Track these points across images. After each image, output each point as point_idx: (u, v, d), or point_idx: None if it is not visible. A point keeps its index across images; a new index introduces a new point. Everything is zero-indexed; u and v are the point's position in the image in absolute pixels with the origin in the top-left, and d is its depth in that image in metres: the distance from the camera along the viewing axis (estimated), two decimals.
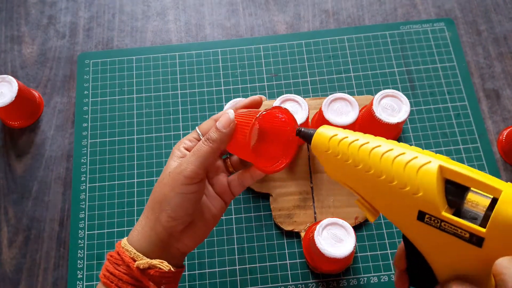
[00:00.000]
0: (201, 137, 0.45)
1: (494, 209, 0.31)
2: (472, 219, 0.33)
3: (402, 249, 0.40)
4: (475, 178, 0.32)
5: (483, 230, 0.32)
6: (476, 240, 0.32)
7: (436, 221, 0.34)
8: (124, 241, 0.43)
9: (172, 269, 0.41)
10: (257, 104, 0.47)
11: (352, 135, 0.39)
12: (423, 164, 0.34)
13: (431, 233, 0.35)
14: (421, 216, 0.35)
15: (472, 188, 0.33)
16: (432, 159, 0.34)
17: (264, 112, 0.42)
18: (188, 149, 0.45)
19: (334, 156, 0.39)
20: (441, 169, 0.34)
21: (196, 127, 0.46)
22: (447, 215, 0.33)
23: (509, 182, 0.33)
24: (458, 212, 0.34)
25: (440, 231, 0.34)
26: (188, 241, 0.44)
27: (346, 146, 0.38)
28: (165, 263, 0.41)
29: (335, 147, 0.39)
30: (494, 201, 0.32)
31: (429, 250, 0.36)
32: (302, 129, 0.43)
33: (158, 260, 0.41)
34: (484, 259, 0.33)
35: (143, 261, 0.41)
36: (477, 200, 0.33)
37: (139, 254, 0.41)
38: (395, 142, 0.38)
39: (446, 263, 0.36)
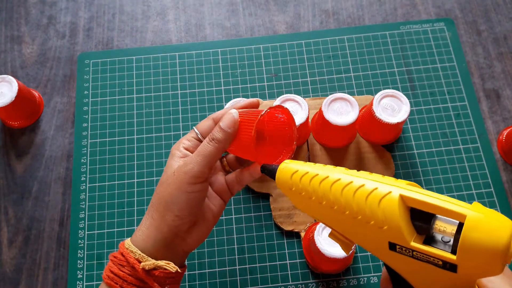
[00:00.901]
0: (199, 137, 0.46)
1: (461, 235, 0.30)
2: (445, 243, 0.33)
3: (386, 273, 0.39)
4: (438, 205, 0.32)
5: (454, 257, 0.31)
6: (450, 266, 0.32)
7: (407, 251, 0.33)
8: (128, 242, 0.43)
9: (179, 270, 0.42)
10: (254, 107, 0.47)
11: (313, 169, 0.38)
12: (383, 196, 0.34)
13: (406, 261, 0.34)
14: (392, 246, 0.34)
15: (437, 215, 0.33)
16: (393, 189, 0.34)
17: (265, 112, 0.42)
18: (188, 149, 0.45)
19: (298, 194, 0.38)
20: (403, 198, 0.33)
21: (194, 127, 0.46)
22: (416, 245, 0.33)
23: (475, 202, 0.32)
24: (430, 238, 0.34)
25: (414, 259, 0.33)
26: (191, 240, 0.44)
27: (308, 182, 0.38)
28: (172, 264, 0.41)
29: (297, 184, 0.38)
30: (460, 225, 0.31)
31: (408, 275, 0.36)
32: (266, 166, 0.43)
33: (164, 261, 0.41)
34: (462, 282, 0.33)
35: (149, 262, 0.41)
36: (444, 226, 0.32)
37: (144, 255, 0.41)
38: (355, 171, 0.37)
39: (429, 287, 0.35)
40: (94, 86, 0.69)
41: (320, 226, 0.53)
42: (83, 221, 0.61)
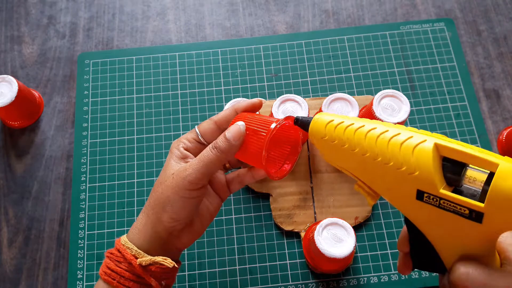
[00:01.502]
0: (200, 138, 0.45)
1: (491, 183, 0.31)
2: (472, 195, 0.33)
3: (405, 232, 0.40)
4: (471, 153, 0.32)
5: (482, 205, 0.32)
6: (476, 216, 0.32)
7: (435, 200, 0.34)
8: (124, 238, 0.43)
9: (176, 265, 0.42)
10: (256, 108, 0.47)
11: (348, 120, 0.39)
12: (418, 143, 0.34)
13: (431, 212, 0.35)
14: (420, 195, 0.35)
15: (470, 165, 0.33)
16: (427, 138, 0.34)
17: (275, 128, 0.42)
18: (188, 150, 0.45)
19: (331, 142, 0.39)
20: (437, 147, 0.34)
21: (196, 127, 0.46)
22: (445, 192, 0.33)
23: (506, 156, 0.33)
24: (458, 191, 0.34)
25: (440, 209, 0.34)
26: (186, 239, 0.44)
27: (342, 131, 0.38)
28: (169, 259, 0.42)
29: (331, 133, 0.39)
30: (491, 175, 0.32)
31: (431, 230, 0.36)
32: (300, 117, 0.43)
33: (161, 257, 0.42)
34: (486, 235, 0.33)
35: (146, 258, 0.41)
36: (474, 176, 0.33)
37: (140, 251, 0.42)
38: (391, 124, 0.38)
39: (449, 243, 0.36)
40: (94, 86, 0.69)
41: (320, 226, 0.53)
42: (83, 221, 0.61)
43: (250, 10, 0.75)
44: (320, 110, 0.58)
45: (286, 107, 0.58)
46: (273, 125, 0.42)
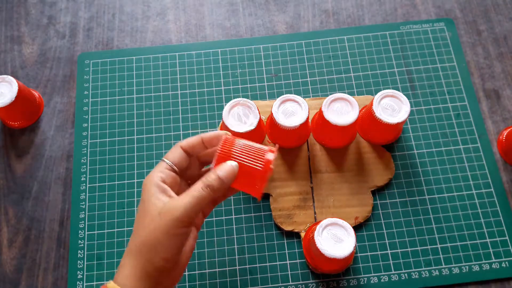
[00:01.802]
0: (174, 168, 0.45)
1: None
2: None
3: None
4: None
5: None
6: None
7: None
8: (112, 284, 0.41)
9: None
10: (218, 140, 0.46)
11: None
12: None
13: None
14: None
15: None
16: None
17: (270, 168, 0.43)
18: (164, 182, 0.44)
19: None
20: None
21: (164, 158, 0.45)
22: None
23: None
24: None
25: None
26: (175, 274, 0.44)
27: None
28: None
29: None
30: None
31: None
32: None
33: None
34: None
35: None
36: None
37: None
38: None
39: None
40: (94, 86, 0.69)
41: (320, 226, 0.53)
42: (83, 221, 0.61)
43: (250, 10, 0.75)
44: (320, 110, 0.58)
45: (286, 107, 0.58)
46: (270, 156, 0.43)
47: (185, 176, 0.48)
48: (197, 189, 0.42)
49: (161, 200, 0.42)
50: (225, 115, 0.57)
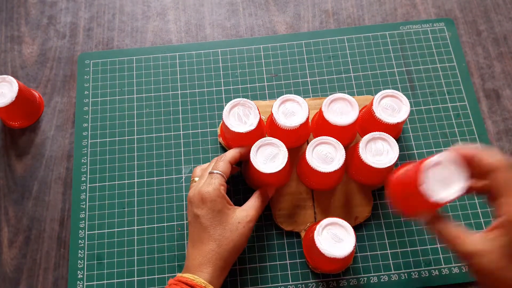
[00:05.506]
0: (225, 179, 0.54)
1: None
2: None
3: None
4: None
5: None
6: None
7: None
8: (189, 275, 0.49)
9: None
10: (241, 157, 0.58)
11: None
12: None
13: None
14: None
15: None
16: None
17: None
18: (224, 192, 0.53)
19: None
20: None
21: (219, 172, 0.54)
22: None
23: None
24: None
25: None
26: None
27: None
28: None
29: None
30: None
31: None
32: None
33: None
34: None
35: None
36: None
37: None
38: None
39: None
40: (94, 86, 0.69)
41: (320, 226, 0.53)
42: (83, 221, 0.61)
43: (250, 10, 0.75)
44: (320, 111, 0.58)
45: (286, 107, 0.58)
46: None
47: None
48: (258, 200, 0.55)
49: (232, 210, 0.52)
50: (225, 115, 0.57)
